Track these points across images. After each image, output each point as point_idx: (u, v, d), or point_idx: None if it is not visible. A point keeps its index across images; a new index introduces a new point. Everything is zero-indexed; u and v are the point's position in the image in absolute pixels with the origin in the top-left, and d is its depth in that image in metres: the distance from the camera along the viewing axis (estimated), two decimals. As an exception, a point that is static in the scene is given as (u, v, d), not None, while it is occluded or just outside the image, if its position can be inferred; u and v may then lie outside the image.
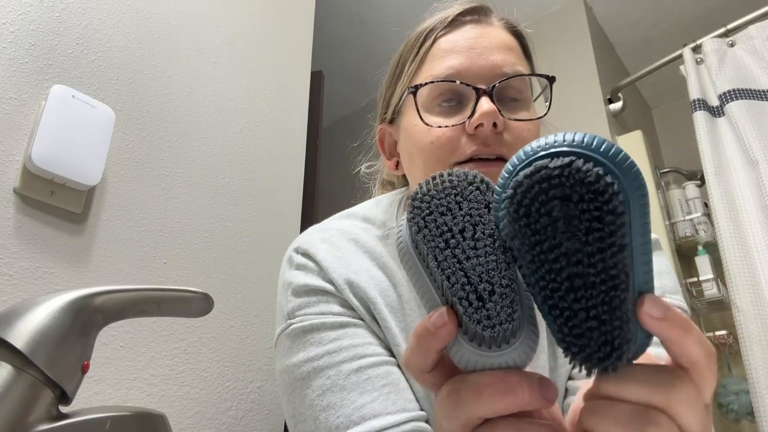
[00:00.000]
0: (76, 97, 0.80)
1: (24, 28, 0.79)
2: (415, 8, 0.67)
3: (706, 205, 1.76)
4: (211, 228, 1.01)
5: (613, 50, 2.33)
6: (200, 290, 0.45)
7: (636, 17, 2.20)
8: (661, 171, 1.97)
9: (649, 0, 2.12)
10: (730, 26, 1.65)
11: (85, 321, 0.39)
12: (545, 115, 0.61)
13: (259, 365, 1.03)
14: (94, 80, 0.86)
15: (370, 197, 0.80)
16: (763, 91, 1.52)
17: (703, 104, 1.59)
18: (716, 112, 1.58)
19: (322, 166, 1.69)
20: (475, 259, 0.28)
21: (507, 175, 0.27)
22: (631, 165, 0.25)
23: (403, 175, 0.76)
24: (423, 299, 0.30)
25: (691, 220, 1.78)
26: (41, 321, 0.36)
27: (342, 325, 0.58)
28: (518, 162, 0.27)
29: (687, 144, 1.87)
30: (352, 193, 0.81)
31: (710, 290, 1.69)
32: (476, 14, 0.64)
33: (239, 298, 1.03)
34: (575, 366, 0.28)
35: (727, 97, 1.55)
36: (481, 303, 0.27)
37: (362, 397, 0.53)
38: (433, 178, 0.30)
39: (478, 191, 0.30)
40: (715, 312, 1.83)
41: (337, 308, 0.59)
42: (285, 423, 1.02)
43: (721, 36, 1.66)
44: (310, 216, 1.42)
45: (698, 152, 1.54)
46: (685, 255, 1.83)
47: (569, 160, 0.24)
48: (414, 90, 0.59)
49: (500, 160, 0.56)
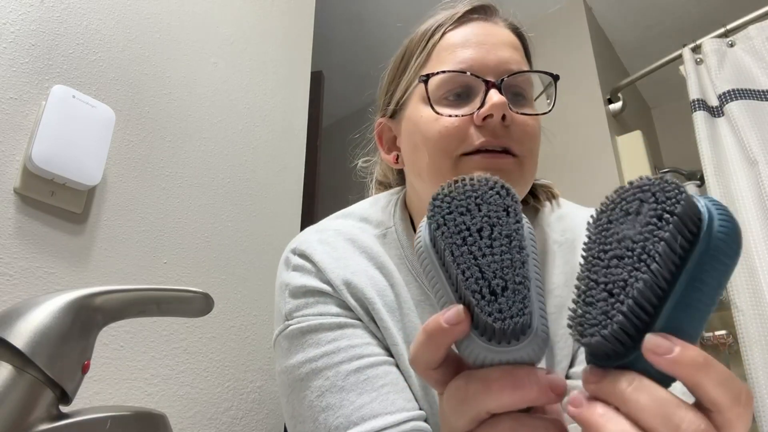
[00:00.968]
0: (76, 97, 0.80)
1: (24, 28, 0.79)
2: (415, 8, 0.67)
3: (706, 205, 1.75)
4: (211, 228, 1.01)
5: (613, 50, 2.33)
6: (200, 290, 0.45)
7: (636, 17, 2.20)
8: (661, 171, 1.96)
9: (649, 0, 2.12)
10: (729, 26, 1.65)
11: (85, 321, 0.39)
12: (549, 111, 0.62)
13: (259, 365, 1.03)
14: (94, 80, 0.86)
15: (369, 195, 0.80)
16: (763, 91, 1.52)
17: (702, 104, 1.59)
18: (716, 112, 1.58)
19: (322, 166, 1.69)
20: (490, 256, 0.29)
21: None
22: (725, 221, 0.27)
23: (399, 173, 0.76)
24: (437, 296, 0.31)
25: (691, 220, 1.78)
26: (41, 321, 0.36)
27: (340, 326, 0.58)
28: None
29: (686, 144, 1.86)
30: (352, 193, 0.81)
31: (710, 290, 1.68)
32: (483, 12, 0.65)
33: (239, 298, 1.03)
34: (572, 330, 0.29)
35: (726, 97, 1.55)
36: (493, 297, 0.29)
37: (361, 398, 0.53)
38: (455, 181, 0.32)
39: (497, 195, 0.31)
40: (715, 312, 1.83)
41: (334, 309, 0.60)
42: (285, 423, 1.02)
43: (720, 36, 1.66)
44: (310, 216, 1.42)
45: (698, 152, 1.54)
46: (684, 255, 1.83)
47: (666, 177, 0.28)
48: (425, 79, 0.60)
49: (506, 152, 0.57)
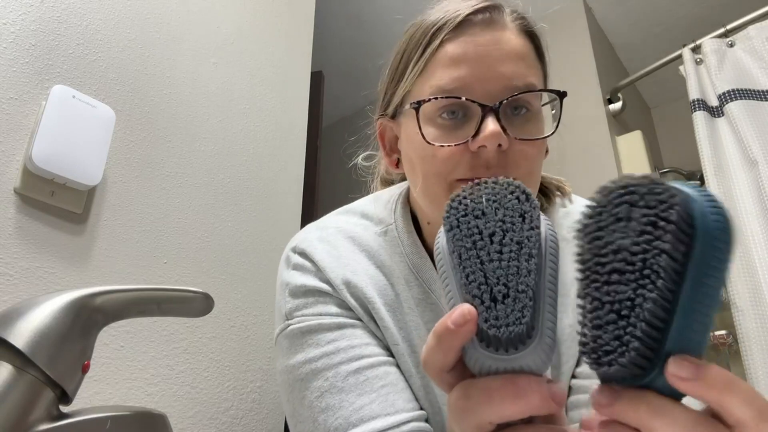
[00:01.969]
0: (76, 97, 0.80)
1: (24, 28, 0.79)
2: (415, 7, 0.64)
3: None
4: (211, 228, 1.01)
5: (613, 50, 2.33)
6: (200, 290, 0.45)
7: (636, 18, 2.20)
8: (661, 171, 1.97)
9: (648, 1, 2.12)
10: (729, 26, 1.65)
11: (85, 321, 0.39)
12: (553, 133, 0.57)
13: (259, 365, 1.03)
14: (95, 80, 0.86)
15: (372, 190, 0.79)
16: (763, 91, 1.52)
17: (702, 104, 1.59)
18: (716, 112, 1.58)
19: (322, 166, 1.69)
20: (497, 262, 0.29)
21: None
22: (716, 212, 0.26)
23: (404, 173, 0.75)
24: (446, 297, 0.31)
25: (690, 220, 1.78)
26: (42, 321, 0.36)
27: (339, 326, 0.58)
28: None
29: (686, 144, 1.87)
30: (352, 193, 0.81)
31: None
32: (488, 13, 0.57)
33: (239, 298, 1.03)
34: (586, 357, 0.29)
35: (726, 97, 1.55)
36: (493, 303, 0.28)
37: (360, 399, 0.53)
38: (477, 184, 0.32)
39: (516, 200, 0.31)
40: (715, 312, 1.83)
41: (334, 309, 0.59)
42: (285, 423, 1.02)
43: (720, 36, 1.66)
44: (310, 216, 1.42)
45: (698, 152, 1.54)
46: (684, 255, 1.83)
47: (650, 176, 0.27)
48: (417, 106, 0.55)
49: None
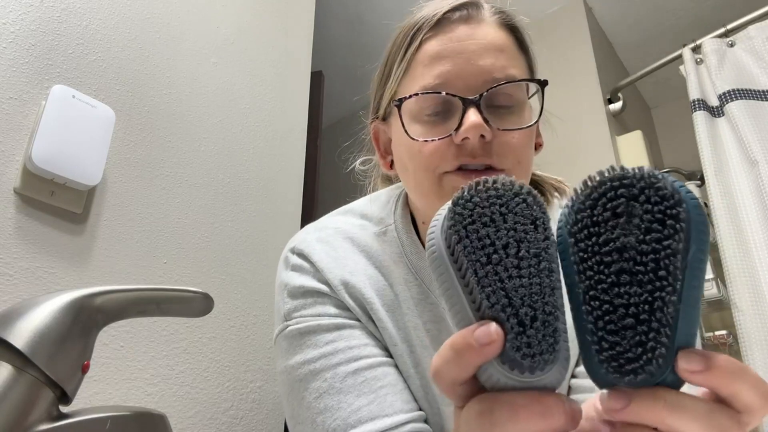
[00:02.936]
0: (76, 97, 0.80)
1: (24, 28, 0.79)
2: (414, 9, 0.64)
3: (705, 205, 1.76)
4: (211, 228, 1.01)
5: (613, 50, 2.33)
6: (200, 290, 0.45)
7: (636, 18, 2.20)
8: (661, 171, 1.96)
9: (649, 0, 2.12)
10: (729, 26, 1.65)
11: (85, 321, 0.39)
12: (536, 122, 0.58)
13: (259, 365, 1.03)
14: (94, 80, 0.86)
15: (372, 190, 0.79)
16: (763, 91, 1.52)
17: (702, 104, 1.59)
18: (716, 112, 1.58)
19: (322, 166, 1.69)
20: (517, 279, 0.27)
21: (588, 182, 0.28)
22: (699, 208, 0.26)
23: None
24: (452, 310, 0.28)
25: (690, 220, 1.78)
26: (41, 321, 0.36)
27: (338, 327, 0.58)
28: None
29: (687, 144, 1.87)
30: (352, 193, 0.81)
31: (710, 290, 1.68)
32: (465, 10, 0.58)
33: (239, 298, 1.03)
34: (605, 365, 0.27)
35: (726, 97, 1.55)
36: (521, 329, 0.26)
37: (359, 400, 0.53)
38: (477, 184, 0.29)
39: (524, 204, 0.28)
40: (715, 312, 1.83)
41: (332, 310, 0.59)
42: (285, 423, 1.02)
43: (720, 36, 1.66)
44: (310, 216, 1.42)
45: (698, 152, 1.54)
46: (684, 255, 1.82)
47: (644, 168, 0.26)
48: (399, 103, 0.56)
49: (489, 169, 0.54)
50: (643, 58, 2.27)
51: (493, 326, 0.26)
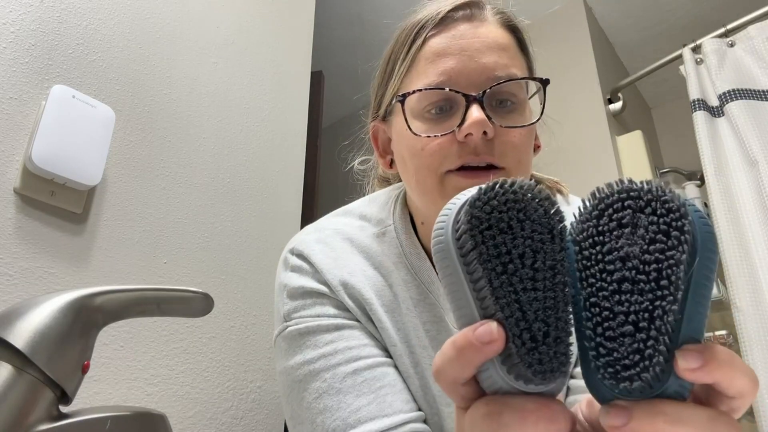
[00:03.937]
0: (76, 97, 0.80)
1: (24, 28, 0.79)
2: (415, 8, 0.64)
3: (705, 205, 1.76)
4: (211, 228, 1.01)
5: (613, 50, 2.33)
6: (200, 290, 0.45)
7: (636, 17, 2.20)
8: (661, 171, 1.96)
9: (649, 0, 2.12)
10: (729, 26, 1.65)
11: (85, 321, 0.39)
12: (538, 120, 0.59)
13: (259, 365, 1.03)
14: (94, 80, 0.86)
15: (370, 191, 0.79)
16: (763, 91, 1.52)
17: (702, 104, 1.59)
18: (716, 112, 1.58)
19: (322, 166, 1.69)
20: (532, 292, 0.27)
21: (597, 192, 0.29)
22: (706, 223, 0.26)
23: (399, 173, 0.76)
24: (458, 311, 0.28)
25: (690, 220, 1.78)
26: (41, 321, 0.36)
27: (337, 328, 0.58)
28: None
29: (687, 144, 1.87)
30: (352, 193, 0.81)
31: (710, 290, 1.68)
32: (468, 9, 0.59)
33: (239, 298, 1.03)
34: (601, 371, 0.27)
35: (726, 97, 1.55)
36: (533, 345, 0.26)
37: (358, 400, 0.53)
38: (494, 186, 0.27)
39: (543, 211, 0.28)
40: (715, 312, 1.83)
41: (332, 310, 0.59)
42: (285, 423, 1.02)
43: (720, 36, 1.66)
44: (310, 216, 1.42)
45: (698, 152, 1.54)
46: (684, 255, 1.82)
47: (653, 182, 0.26)
48: (402, 99, 0.57)
49: (491, 168, 0.54)
50: (643, 58, 2.27)
51: (494, 325, 0.26)
